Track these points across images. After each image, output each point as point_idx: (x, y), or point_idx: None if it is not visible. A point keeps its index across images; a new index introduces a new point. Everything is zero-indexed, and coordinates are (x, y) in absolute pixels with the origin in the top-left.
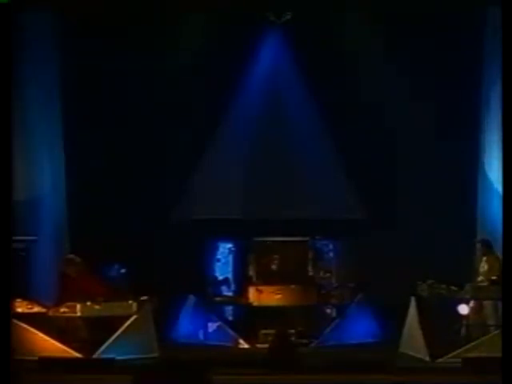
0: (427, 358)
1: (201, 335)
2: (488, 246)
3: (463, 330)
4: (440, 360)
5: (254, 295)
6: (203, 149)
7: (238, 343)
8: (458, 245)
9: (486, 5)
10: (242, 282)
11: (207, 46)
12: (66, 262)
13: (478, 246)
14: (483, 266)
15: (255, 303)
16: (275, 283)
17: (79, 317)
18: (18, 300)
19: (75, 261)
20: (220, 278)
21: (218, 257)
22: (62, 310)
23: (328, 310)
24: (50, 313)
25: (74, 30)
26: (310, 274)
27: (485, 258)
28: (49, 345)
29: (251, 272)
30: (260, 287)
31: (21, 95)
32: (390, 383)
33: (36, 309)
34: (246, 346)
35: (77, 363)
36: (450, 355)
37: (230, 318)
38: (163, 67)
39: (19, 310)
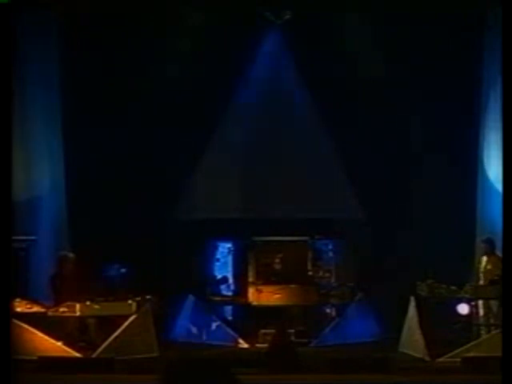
0: (427, 358)
1: (200, 335)
2: (492, 246)
3: (463, 330)
4: (440, 360)
5: (253, 295)
6: (203, 149)
7: (238, 343)
8: (458, 245)
9: (486, 5)
10: (241, 281)
11: (207, 45)
12: (61, 259)
13: (482, 244)
14: (486, 266)
15: (255, 303)
16: (275, 283)
17: (79, 316)
18: (18, 300)
19: (69, 257)
20: (219, 277)
21: (218, 256)
22: (62, 309)
23: (328, 310)
24: (50, 312)
25: (73, 29)
26: (310, 273)
27: (488, 258)
28: (48, 344)
29: (251, 272)
30: (259, 287)
31: (21, 95)
32: (389, 383)
33: (35, 308)
34: (246, 345)
35: (76, 363)
36: (450, 355)
37: (230, 318)
38: (163, 67)
39: (18, 309)
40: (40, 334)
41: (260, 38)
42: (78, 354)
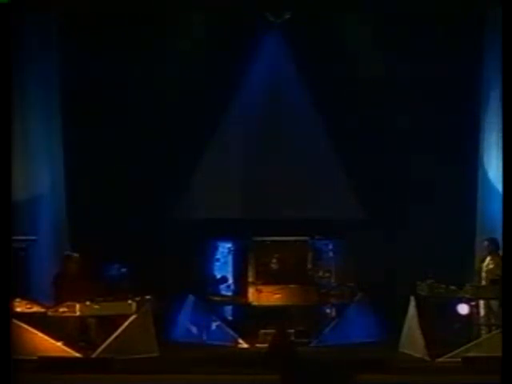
0: (427, 358)
1: (200, 335)
2: (495, 245)
3: (463, 330)
4: (440, 360)
5: (253, 295)
6: (203, 148)
7: (238, 343)
8: (458, 245)
9: (486, 5)
10: (241, 281)
11: (207, 46)
12: (66, 259)
13: (486, 243)
14: (488, 265)
15: (255, 303)
16: (275, 283)
17: (78, 316)
18: (18, 300)
19: (74, 257)
20: (219, 277)
21: (218, 256)
22: (62, 309)
23: (328, 310)
24: (50, 312)
25: (73, 30)
26: (310, 273)
27: (490, 257)
28: (48, 344)
29: (251, 272)
30: (259, 287)
31: (21, 95)
32: (389, 383)
33: (35, 308)
34: (246, 345)
35: (76, 363)
36: (450, 355)
37: (230, 318)
38: (163, 67)
39: (18, 309)
40: (40, 334)
41: (260, 37)
42: (78, 354)
